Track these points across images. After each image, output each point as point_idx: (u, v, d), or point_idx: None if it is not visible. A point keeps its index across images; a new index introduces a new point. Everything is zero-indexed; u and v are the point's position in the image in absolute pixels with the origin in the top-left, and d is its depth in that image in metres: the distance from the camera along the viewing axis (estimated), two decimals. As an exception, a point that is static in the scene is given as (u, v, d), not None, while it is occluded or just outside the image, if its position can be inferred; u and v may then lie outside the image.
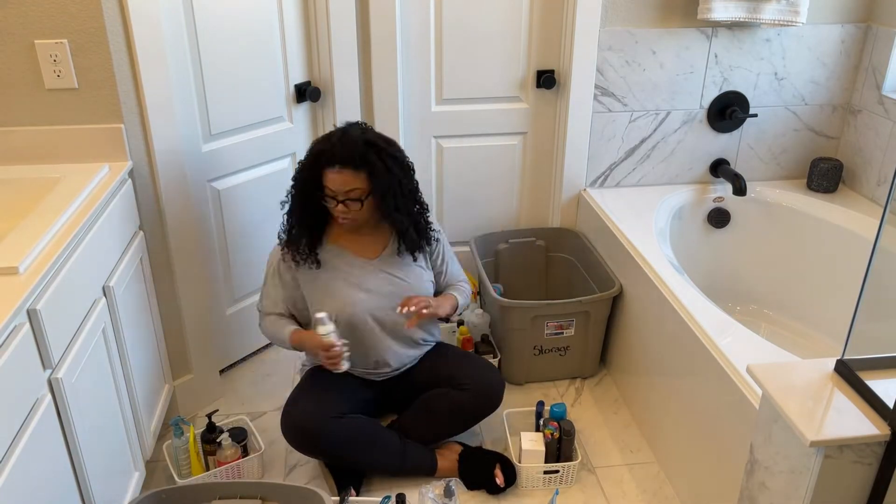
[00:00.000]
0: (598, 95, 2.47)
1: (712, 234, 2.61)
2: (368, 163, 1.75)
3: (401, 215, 1.85)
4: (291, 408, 1.89)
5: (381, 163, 1.77)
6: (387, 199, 1.80)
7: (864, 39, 2.47)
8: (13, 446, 1.18)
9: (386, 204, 1.81)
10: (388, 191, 1.79)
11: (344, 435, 1.85)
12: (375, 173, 1.76)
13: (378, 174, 1.77)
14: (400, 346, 1.97)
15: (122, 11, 1.75)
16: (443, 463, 1.98)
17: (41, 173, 1.77)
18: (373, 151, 1.76)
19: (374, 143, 1.78)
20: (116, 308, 1.68)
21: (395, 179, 1.80)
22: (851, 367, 1.29)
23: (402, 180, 1.82)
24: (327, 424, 1.84)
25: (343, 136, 1.78)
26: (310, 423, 1.84)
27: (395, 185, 1.80)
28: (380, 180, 1.77)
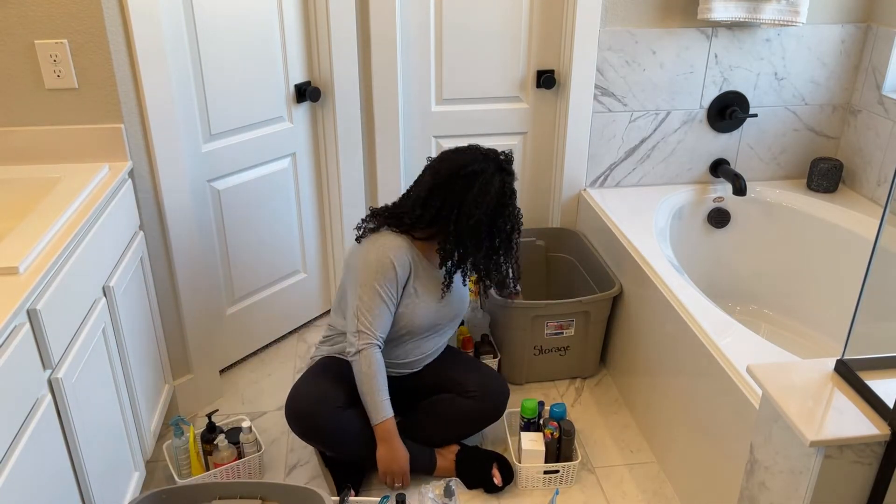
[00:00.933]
0: (598, 95, 2.47)
1: (712, 234, 2.61)
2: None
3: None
4: (297, 393, 1.89)
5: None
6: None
7: (864, 39, 2.47)
8: (13, 446, 1.18)
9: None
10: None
11: (346, 426, 1.86)
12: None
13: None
14: (433, 353, 2.03)
15: (122, 11, 1.75)
16: (441, 462, 1.98)
17: (41, 173, 1.77)
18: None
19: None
20: (116, 308, 1.68)
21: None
22: (851, 367, 1.29)
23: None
24: (330, 414, 1.84)
25: (510, 161, 1.87)
26: (313, 410, 1.85)
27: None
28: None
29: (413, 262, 1.87)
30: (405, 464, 1.88)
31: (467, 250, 1.86)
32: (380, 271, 1.81)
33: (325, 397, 1.86)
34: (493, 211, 1.82)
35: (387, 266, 1.82)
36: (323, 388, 1.89)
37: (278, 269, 2.50)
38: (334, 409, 1.85)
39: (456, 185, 1.80)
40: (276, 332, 2.60)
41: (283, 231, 2.46)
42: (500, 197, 1.82)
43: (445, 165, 1.83)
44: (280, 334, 2.62)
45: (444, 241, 1.85)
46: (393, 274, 1.83)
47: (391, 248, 1.83)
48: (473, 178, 1.80)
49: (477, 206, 1.79)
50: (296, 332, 2.67)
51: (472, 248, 1.86)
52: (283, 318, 2.59)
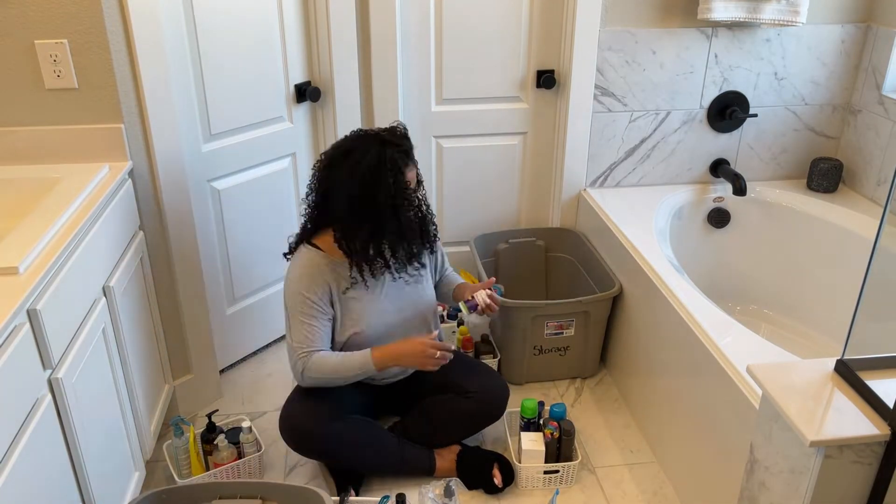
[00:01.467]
0: (598, 95, 2.47)
1: (712, 234, 2.61)
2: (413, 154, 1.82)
3: (427, 205, 1.87)
4: (289, 409, 1.89)
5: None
6: (420, 187, 1.84)
7: (864, 39, 2.47)
8: (13, 446, 1.18)
9: (421, 192, 1.85)
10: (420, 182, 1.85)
11: (341, 436, 1.85)
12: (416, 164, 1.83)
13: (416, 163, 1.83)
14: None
15: (122, 11, 1.75)
16: (441, 463, 1.98)
17: (41, 173, 1.77)
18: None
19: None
20: (116, 308, 1.68)
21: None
22: (851, 367, 1.29)
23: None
24: (325, 426, 1.84)
25: (400, 133, 1.78)
26: (307, 424, 1.85)
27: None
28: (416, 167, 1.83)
29: (330, 274, 1.81)
30: (418, 344, 1.79)
31: (353, 235, 1.74)
32: (293, 298, 1.80)
33: (317, 412, 1.86)
34: (367, 185, 1.69)
35: (295, 292, 1.80)
36: (313, 403, 1.88)
37: (278, 268, 2.50)
38: (327, 423, 1.85)
39: (332, 166, 1.75)
40: (276, 332, 2.60)
41: (283, 231, 2.45)
42: (375, 170, 1.69)
43: (326, 154, 1.79)
44: (280, 334, 2.62)
45: (336, 233, 1.77)
46: (302, 298, 1.79)
47: (302, 269, 1.80)
48: (347, 155, 1.73)
49: (349, 177, 1.70)
50: (296, 332, 2.67)
51: (354, 230, 1.74)
52: (283, 318, 2.58)
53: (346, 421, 1.87)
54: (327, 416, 1.85)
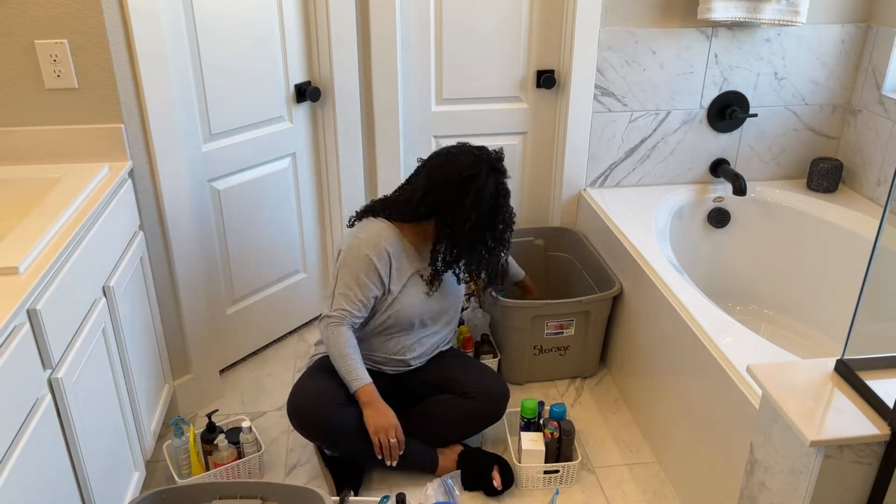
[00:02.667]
0: (598, 95, 2.47)
1: (712, 234, 2.61)
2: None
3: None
4: (298, 389, 1.90)
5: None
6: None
7: (864, 39, 2.47)
8: (13, 446, 1.18)
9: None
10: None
11: (348, 423, 1.86)
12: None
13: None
14: (428, 353, 2.04)
15: (122, 11, 1.75)
16: (443, 462, 1.98)
17: (41, 173, 1.77)
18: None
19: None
20: (116, 308, 1.68)
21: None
22: (851, 367, 1.29)
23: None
24: (332, 411, 1.85)
25: (503, 158, 1.89)
26: (315, 407, 1.85)
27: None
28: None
29: (397, 253, 1.88)
30: (393, 419, 1.85)
31: (461, 251, 1.88)
32: (359, 257, 1.84)
33: (326, 393, 1.87)
34: (489, 213, 1.85)
35: (363, 254, 1.84)
36: (324, 384, 1.89)
37: (278, 268, 2.50)
38: (335, 406, 1.85)
39: (452, 189, 1.82)
40: (276, 332, 2.60)
41: (283, 231, 2.46)
42: (494, 199, 1.85)
43: (440, 170, 1.84)
44: (280, 334, 2.62)
45: (437, 241, 1.87)
46: (369, 261, 1.84)
47: (373, 236, 1.86)
48: (469, 182, 1.81)
49: (473, 209, 1.82)
50: (296, 332, 2.67)
51: (467, 249, 1.88)
52: (283, 317, 2.59)
53: (352, 408, 1.88)
54: (334, 400, 1.86)
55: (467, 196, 1.82)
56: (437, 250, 1.89)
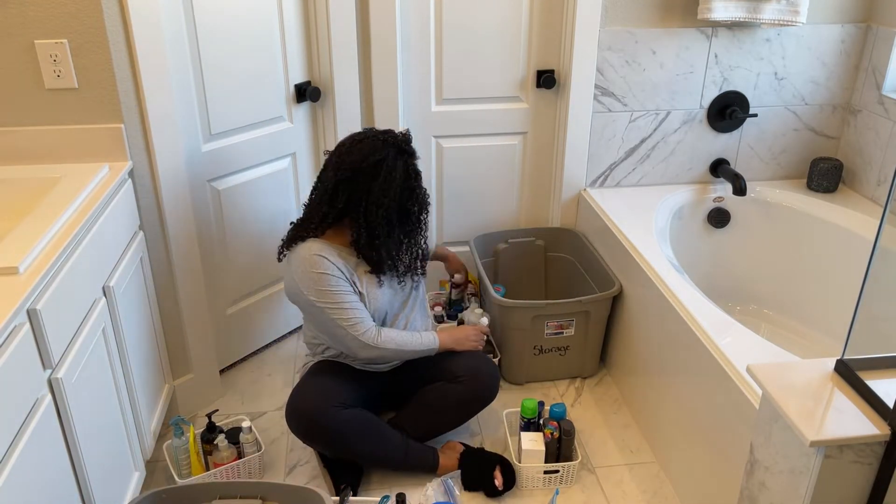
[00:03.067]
0: (598, 95, 2.47)
1: (712, 234, 2.61)
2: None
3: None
4: (296, 396, 1.89)
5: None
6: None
7: (864, 39, 2.47)
8: (13, 446, 1.18)
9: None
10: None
11: (348, 425, 1.86)
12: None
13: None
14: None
15: (122, 11, 1.75)
16: (444, 461, 1.98)
17: (41, 173, 1.77)
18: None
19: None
20: (116, 308, 1.68)
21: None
22: (851, 367, 1.29)
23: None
24: (331, 413, 1.84)
25: (410, 138, 1.88)
26: (314, 411, 1.85)
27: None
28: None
29: (335, 258, 1.84)
30: (467, 329, 2.03)
31: (379, 238, 1.84)
32: (323, 283, 1.81)
33: (325, 397, 1.87)
34: (400, 196, 1.83)
35: (318, 275, 1.80)
36: (321, 388, 1.89)
37: (278, 268, 2.50)
38: (334, 409, 1.85)
39: (360, 177, 1.80)
40: (276, 332, 2.60)
41: (283, 231, 2.46)
42: (405, 181, 1.83)
43: (347, 159, 1.81)
44: (280, 334, 2.62)
45: (356, 232, 1.84)
46: (330, 277, 1.81)
47: (306, 257, 1.81)
48: (377, 167, 1.79)
49: (385, 194, 1.80)
50: (296, 331, 2.67)
51: (384, 235, 1.84)
52: (283, 318, 2.59)
53: (351, 410, 1.88)
54: (332, 404, 1.86)
55: (376, 180, 1.79)
56: (359, 241, 1.84)
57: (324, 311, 1.83)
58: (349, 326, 1.83)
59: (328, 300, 1.82)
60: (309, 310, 1.86)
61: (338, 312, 1.83)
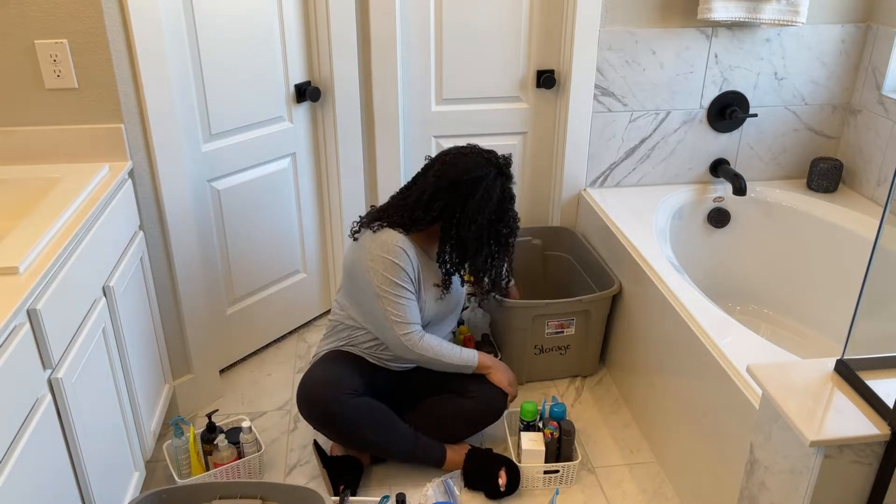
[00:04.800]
0: (598, 95, 2.47)
1: (712, 234, 2.61)
2: None
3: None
4: (308, 382, 1.90)
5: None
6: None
7: (864, 39, 2.47)
8: (13, 446, 1.18)
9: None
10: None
11: (359, 411, 1.86)
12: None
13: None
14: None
15: (122, 11, 1.75)
16: (451, 455, 1.98)
17: (41, 173, 1.77)
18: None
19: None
20: (116, 308, 1.68)
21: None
22: (851, 367, 1.29)
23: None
24: (344, 400, 1.85)
25: (511, 163, 1.91)
26: (326, 395, 1.85)
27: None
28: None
29: (413, 256, 1.88)
30: (509, 369, 2.04)
31: (467, 253, 1.89)
32: (388, 270, 1.83)
33: (338, 383, 1.87)
34: (494, 216, 1.86)
35: (393, 265, 1.83)
36: (335, 374, 1.89)
37: (278, 268, 2.50)
38: (346, 395, 1.85)
39: (459, 190, 1.82)
40: (276, 332, 2.60)
41: (283, 231, 2.46)
42: (500, 202, 1.86)
43: (449, 169, 1.84)
44: (280, 334, 2.62)
45: (444, 242, 1.87)
46: (402, 272, 1.84)
47: (388, 243, 1.84)
48: (477, 183, 1.82)
49: (479, 211, 1.82)
50: (296, 331, 2.67)
51: (473, 251, 1.88)
52: (283, 318, 2.59)
53: (363, 398, 1.88)
54: (345, 390, 1.86)
55: (473, 196, 1.82)
56: (444, 251, 1.89)
57: (380, 299, 1.85)
58: (396, 322, 1.86)
59: (389, 290, 1.84)
60: (366, 291, 1.87)
61: (392, 305, 1.85)
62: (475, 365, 1.97)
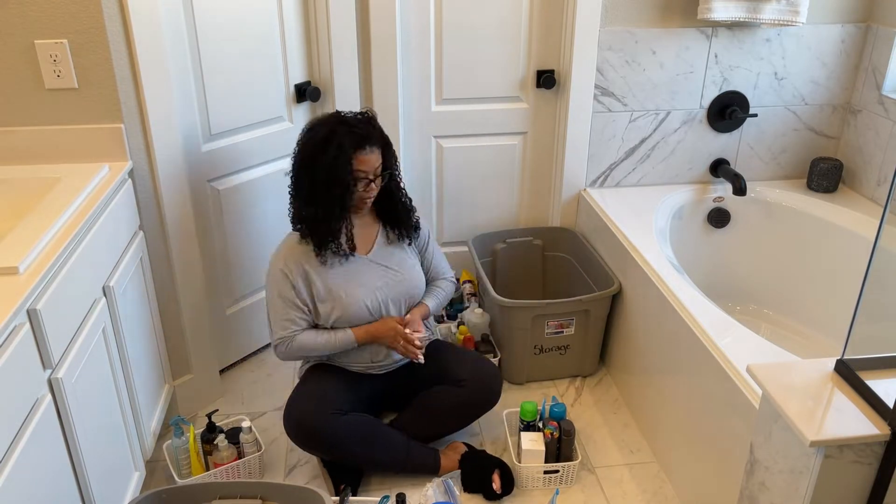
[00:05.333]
0: (598, 95, 2.47)
1: (712, 234, 2.61)
2: (385, 140, 1.88)
3: (402, 194, 1.97)
4: (292, 405, 1.89)
5: (388, 140, 1.90)
6: (394, 176, 1.93)
7: (864, 39, 2.47)
8: (13, 446, 1.18)
9: (394, 181, 1.94)
10: (395, 167, 1.93)
11: (346, 431, 1.86)
12: (389, 150, 1.90)
13: (390, 151, 1.90)
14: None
15: (122, 11, 1.75)
16: (446, 463, 1.98)
17: (41, 173, 1.77)
18: (381, 130, 1.89)
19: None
20: (116, 308, 1.68)
21: (395, 157, 1.93)
22: (851, 367, 1.29)
23: (396, 160, 1.95)
24: (329, 421, 1.84)
25: (363, 118, 1.84)
26: (311, 419, 1.85)
27: (395, 163, 1.93)
28: (391, 157, 1.91)
29: (306, 255, 1.88)
30: (390, 322, 1.92)
31: (306, 212, 1.85)
32: (273, 275, 1.89)
33: (323, 405, 1.86)
34: (309, 157, 1.81)
35: (275, 274, 1.88)
36: (319, 395, 1.89)
37: (278, 269, 2.50)
38: (332, 415, 1.85)
39: (298, 160, 1.85)
40: (276, 332, 2.60)
41: (283, 231, 2.45)
42: (320, 144, 1.78)
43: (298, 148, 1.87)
44: (280, 334, 2.62)
45: (300, 216, 1.88)
46: (279, 268, 1.87)
47: (279, 250, 1.90)
48: (307, 130, 1.85)
49: (298, 155, 1.84)
50: (296, 332, 2.67)
51: (305, 206, 1.85)
52: (283, 318, 2.59)
53: (349, 416, 1.88)
54: (330, 411, 1.85)
55: (299, 141, 1.85)
56: (295, 219, 1.90)
57: (266, 302, 1.93)
58: (272, 325, 1.91)
59: (267, 292, 1.92)
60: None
61: (270, 307, 1.91)
62: (353, 339, 1.90)
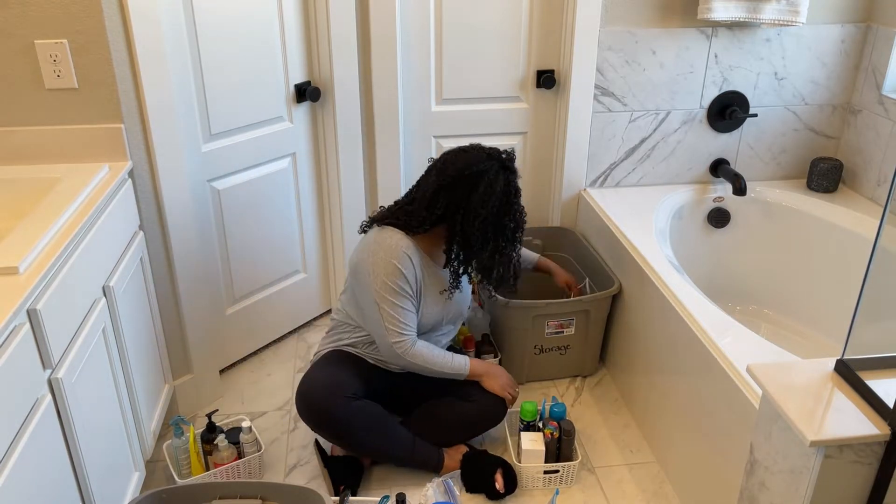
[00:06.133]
0: (598, 95, 2.47)
1: (712, 234, 2.61)
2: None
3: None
4: (307, 384, 1.89)
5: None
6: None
7: (864, 39, 2.47)
8: (13, 446, 1.18)
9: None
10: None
11: (357, 415, 1.86)
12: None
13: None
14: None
15: (122, 11, 1.75)
16: (448, 462, 1.98)
17: (41, 173, 1.77)
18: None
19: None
20: (116, 308, 1.68)
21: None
22: (851, 367, 1.29)
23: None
24: (341, 403, 1.85)
25: (514, 158, 1.89)
26: (324, 398, 1.85)
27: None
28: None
29: (417, 259, 1.88)
30: (506, 373, 2.02)
31: (472, 250, 1.88)
32: (390, 275, 1.83)
33: (337, 386, 1.87)
34: (499, 210, 1.84)
35: (396, 270, 1.83)
36: (334, 377, 1.89)
37: (278, 269, 2.50)
38: (345, 399, 1.85)
39: (461, 185, 1.81)
40: (276, 332, 2.60)
41: (283, 231, 2.46)
42: (504, 196, 1.84)
43: (450, 166, 1.83)
44: (280, 334, 2.62)
45: (449, 241, 1.87)
46: (403, 277, 1.84)
47: (392, 246, 1.84)
48: (478, 177, 1.81)
49: (482, 205, 1.81)
50: (296, 332, 2.67)
51: (478, 247, 1.87)
52: (283, 318, 2.59)
53: (361, 401, 1.88)
54: (343, 393, 1.86)
55: (476, 191, 1.81)
56: (451, 249, 1.88)
57: (377, 303, 1.84)
58: (389, 328, 1.85)
59: (387, 295, 1.83)
60: (366, 291, 1.86)
61: (387, 311, 1.84)
62: (467, 372, 1.96)
